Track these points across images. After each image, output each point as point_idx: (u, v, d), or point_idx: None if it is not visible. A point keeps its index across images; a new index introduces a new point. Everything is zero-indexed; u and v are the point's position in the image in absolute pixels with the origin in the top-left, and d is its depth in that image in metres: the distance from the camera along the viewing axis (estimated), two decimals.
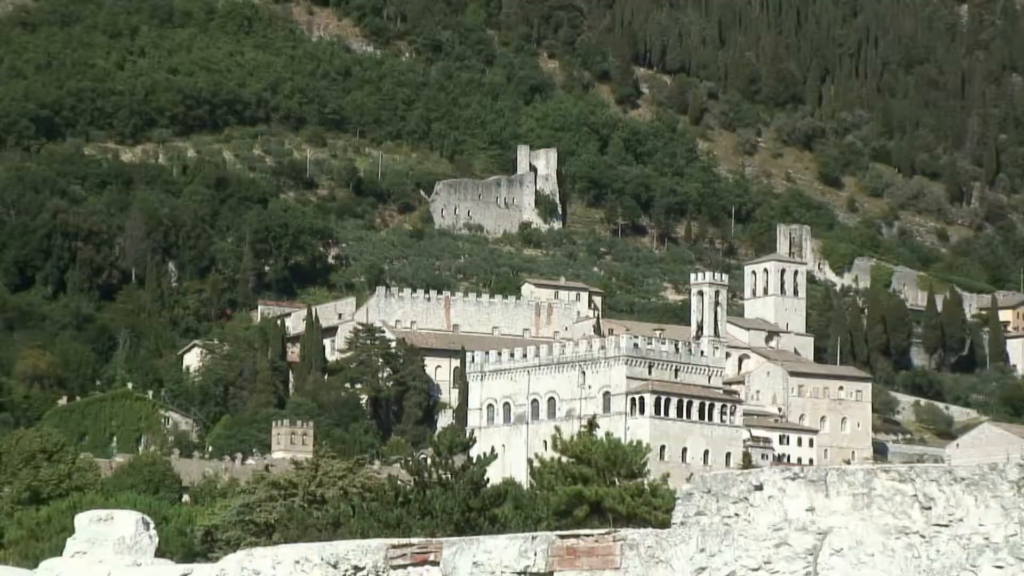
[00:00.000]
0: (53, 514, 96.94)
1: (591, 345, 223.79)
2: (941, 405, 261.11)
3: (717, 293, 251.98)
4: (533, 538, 15.99)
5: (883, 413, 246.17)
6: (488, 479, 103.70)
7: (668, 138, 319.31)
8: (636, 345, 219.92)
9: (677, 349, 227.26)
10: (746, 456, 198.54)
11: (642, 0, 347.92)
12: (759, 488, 14.93)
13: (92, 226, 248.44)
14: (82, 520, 19.00)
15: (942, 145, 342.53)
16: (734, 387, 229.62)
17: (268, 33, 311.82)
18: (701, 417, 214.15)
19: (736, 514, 14.77)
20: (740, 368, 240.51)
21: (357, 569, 16.66)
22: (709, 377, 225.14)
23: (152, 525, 19.21)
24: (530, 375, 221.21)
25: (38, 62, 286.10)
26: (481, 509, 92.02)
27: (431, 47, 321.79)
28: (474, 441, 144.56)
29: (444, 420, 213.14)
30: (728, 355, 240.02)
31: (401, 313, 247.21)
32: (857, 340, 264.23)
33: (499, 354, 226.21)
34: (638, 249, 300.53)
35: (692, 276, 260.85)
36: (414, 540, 16.84)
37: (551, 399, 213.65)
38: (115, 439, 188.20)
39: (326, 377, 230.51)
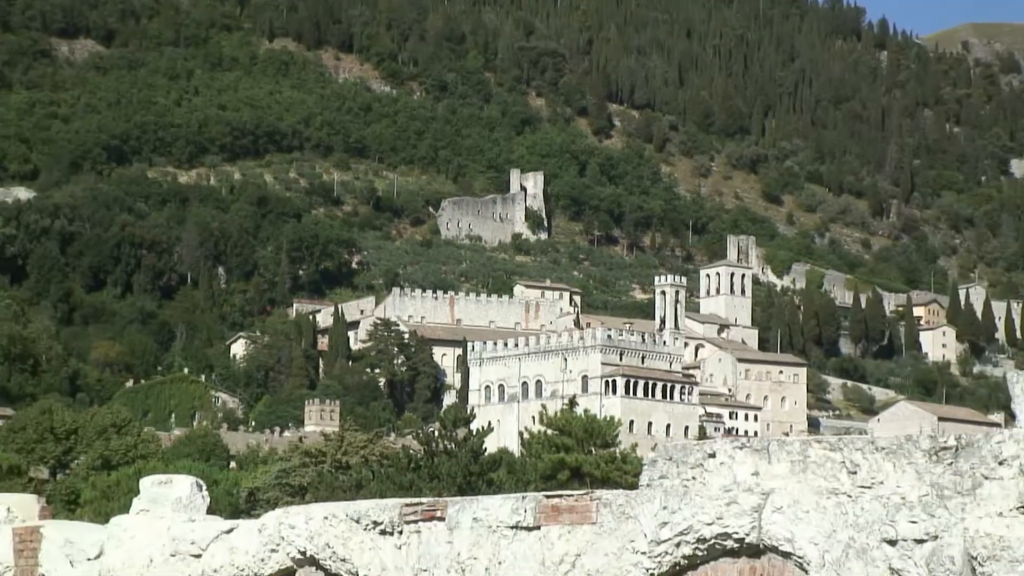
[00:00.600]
0: (121, 478, 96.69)
1: (572, 336, 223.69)
2: (864, 386, 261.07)
3: (677, 293, 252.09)
4: (523, 498, 15.99)
5: (816, 393, 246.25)
6: (486, 449, 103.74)
7: (636, 163, 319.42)
8: (609, 336, 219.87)
9: (644, 340, 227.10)
10: (701, 429, 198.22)
11: (614, 48, 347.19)
12: (712, 456, 14.93)
13: (154, 237, 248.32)
14: (146, 483, 19.01)
15: (865, 169, 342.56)
16: (691, 371, 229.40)
17: (302, 75, 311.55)
18: (664, 396, 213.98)
19: (693, 477, 14.78)
20: (696, 355, 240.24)
21: (376, 524, 16.64)
22: (670, 363, 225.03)
23: (204, 487, 19.19)
24: (521, 361, 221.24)
25: (109, 100, 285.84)
26: (480, 474, 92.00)
27: (438, 87, 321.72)
28: (474, 417, 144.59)
29: (449, 399, 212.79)
30: (686, 344, 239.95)
31: (413, 310, 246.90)
32: (794, 332, 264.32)
33: (495, 344, 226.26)
34: (611, 256, 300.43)
35: (656, 279, 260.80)
36: (423, 499, 16.84)
37: (538, 381, 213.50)
38: (173, 415, 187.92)
39: (350, 363, 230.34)
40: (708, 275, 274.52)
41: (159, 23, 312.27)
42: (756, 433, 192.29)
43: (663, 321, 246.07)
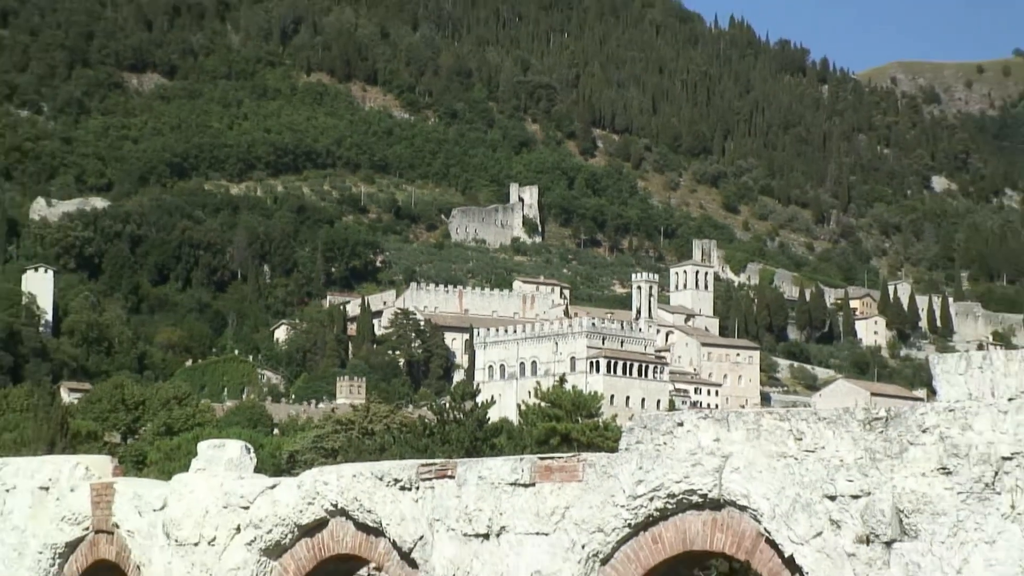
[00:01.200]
0: (181, 443, 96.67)
1: (562, 324, 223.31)
2: (808, 367, 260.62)
3: (650, 288, 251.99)
4: (521, 459, 16.01)
5: (767, 372, 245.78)
6: (489, 418, 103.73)
7: (616, 178, 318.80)
8: (593, 324, 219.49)
9: (622, 327, 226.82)
10: (671, 402, 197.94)
11: (597, 81, 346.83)
12: (680, 424, 14.93)
13: (209, 240, 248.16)
14: (202, 447, 19.04)
15: (809, 183, 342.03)
16: (662, 353, 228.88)
17: (334, 104, 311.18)
18: (639, 375, 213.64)
19: (664, 443, 14.78)
20: (667, 340, 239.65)
21: (396, 481, 16.66)
22: (645, 346, 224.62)
23: (251, 451, 19.23)
24: (518, 345, 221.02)
25: (172, 124, 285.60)
26: (484, 439, 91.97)
27: (449, 114, 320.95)
28: (479, 391, 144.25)
29: (457, 377, 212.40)
30: (658, 331, 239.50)
31: (427, 301, 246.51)
32: (749, 321, 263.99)
33: (497, 330, 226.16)
34: (595, 257, 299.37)
35: (633, 276, 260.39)
36: (436, 461, 16.88)
37: (533, 362, 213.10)
38: (225, 390, 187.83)
39: (374, 346, 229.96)
40: (677, 273, 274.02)
41: (214, 60, 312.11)
42: (717, 406, 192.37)
43: (639, 311, 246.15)
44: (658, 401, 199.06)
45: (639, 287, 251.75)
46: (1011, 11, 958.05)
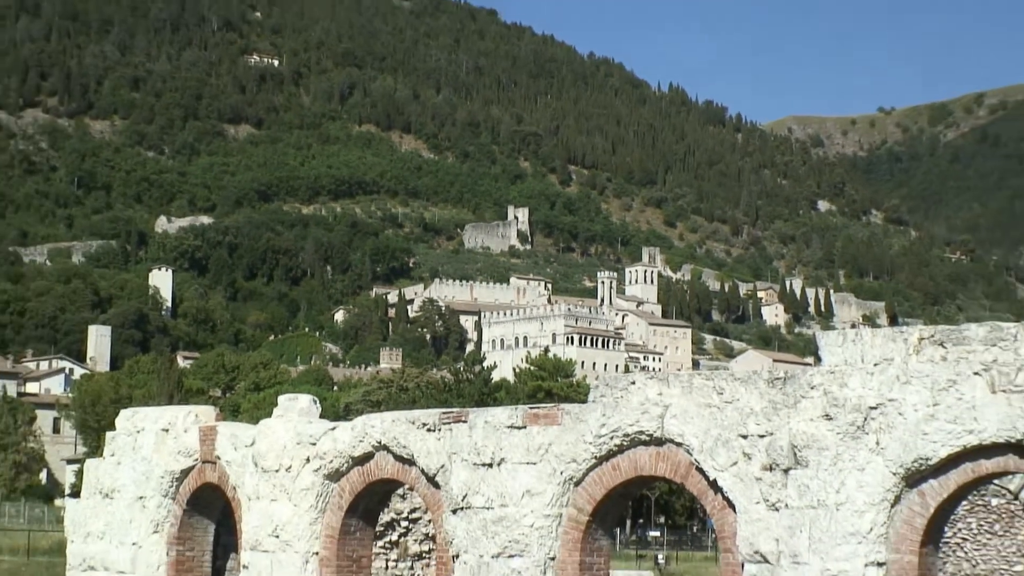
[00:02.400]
0: (266, 396, 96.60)
1: (545, 309, 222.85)
2: (727, 340, 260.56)
3: (611, 282, 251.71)
4: (515, 409, 16.05)
5: (697, 345, 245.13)
6: (492, 379, 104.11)
7: (586, 202, 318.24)
8: (569, 309, 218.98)
9: (590, 311, 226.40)
10: (626, 367, 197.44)
11: (572, 130, 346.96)
12: (633, 383, 14.96)
13: (287, 246, 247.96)
14: (282, 399, 19.07)
15: (727, 206, 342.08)
16: (620, 331, 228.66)
17: (379, 147, 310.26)
18: (603, 346, 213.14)
19: (621, 396, 14.80)
20: (623, 321, 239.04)
21: (424, 424, 16.67)
22: (607, 325, 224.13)
23: (317, 402, 19.26)
24: (514, 324, 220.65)
25: (259, 162, 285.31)
26: (488, 394, 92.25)
27: (463, 154, 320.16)
28: (485, 359, 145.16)
29: (469, 348, 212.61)
30: (617, 314, 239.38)
31: (447, 292, 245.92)
32: (683, 307, 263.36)
33: (498, 314, 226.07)
34: (570, 260, 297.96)
35: (598, 273, 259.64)
36: (453, 409, 16.91)
37: (525, 337, 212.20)
38: (298, 358, 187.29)
39: (408, 325, 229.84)
40: (630, 272, 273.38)
41: (290, 115, 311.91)
42: (659, 369, 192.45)
43: (602, 300, 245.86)
44: (616, 366, 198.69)
45: (602, 282, 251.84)
46: (876, 77, 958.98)
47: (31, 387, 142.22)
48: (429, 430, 16.70)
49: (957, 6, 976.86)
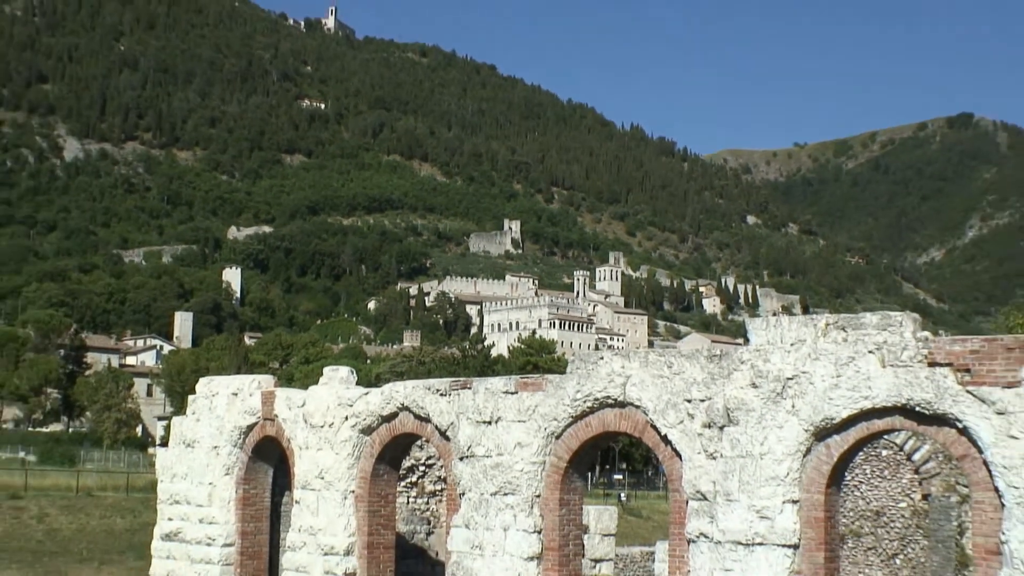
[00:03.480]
0: (314, 368, 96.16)
1: (533, 300, 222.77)
2: (676, 326, 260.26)
3: (585, 279, 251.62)
4: (510, 378, 16.03)
5: (651, 329, 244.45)
6: (491, 355, 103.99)
7: (566, 216, 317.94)
8: (552, 301, 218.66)
9: (569, 302, 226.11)
10: (596, 346, 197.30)
11: (555, 160, 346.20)
12: (601, 358, 14.94)
13: (330, 250, 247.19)
14: (326, 370, 19.05)
15: (676, 220, 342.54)
16: (592, 317, 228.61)
17: (403, 173, 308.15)
18: (578, 330, 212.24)
19: (592, 369, 14.79)
20: (594, 310, 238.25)
21: (438, 390, 16.65)
22: (581, 313, 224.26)
23: (354, 372, 19.24)
24: (508, 312, 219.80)
25: (309, 184, 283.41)
26: (488, 367, 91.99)
27: (469, 178, 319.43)
28: (485, 339, 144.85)
29: (473, 331, 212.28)
30: (589, 304, 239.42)
31: (456, 287, 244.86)
32: (641, 299, 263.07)
33: (496, 304, 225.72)
34: (554, 262, 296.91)
35: (575, 272, 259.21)
36: (460, 379, 16.91)
37: (517, 322, 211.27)
38: (339, 337, 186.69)
39: (425, 313, 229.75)
40: (600, 271, 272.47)
41: (334, 148, 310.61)
42: (622, 348, 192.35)
43: (578, 293, 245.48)
44: (588, 345, 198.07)
45: (578, 279, 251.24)
46: (792, 117, 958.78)
47: (130, 360, 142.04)
48: (441, 395, 16.69)
49: (859, 62, 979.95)
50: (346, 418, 17.86)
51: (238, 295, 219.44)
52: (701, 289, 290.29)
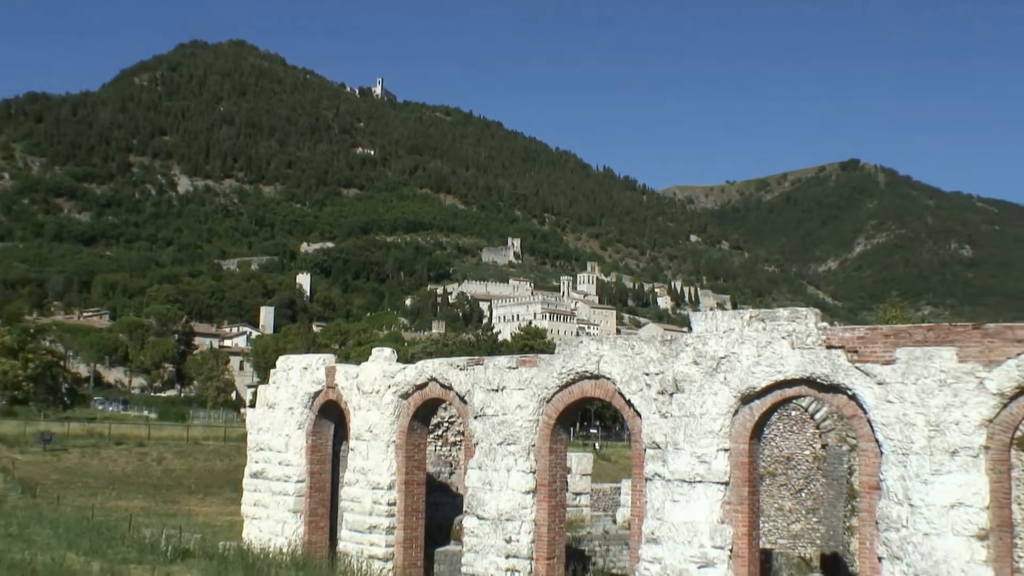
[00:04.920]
0: (365, 349, 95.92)
1: (530, 299, 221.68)
2: (637, 318, 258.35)
3: (569, 283, 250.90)
4: (512, 357, 15.95)
5: (619, 321, 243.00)
6: (498, 339, 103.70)
7: (555, 236, 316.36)
8: (543, 299, 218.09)
9: (556, 299, 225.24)
10: (577, 333, 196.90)
11: (547, 192, 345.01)
12: (581, 342, 14.87)
13: (378, 260, 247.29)
14: (374, 351, 18.96)
15: (638, 238, 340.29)
16: (574, 311, 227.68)
17: (431, 203, 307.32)
18: (563, 321, 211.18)
19: (574, 350, 14.73)
20: (575, 306, 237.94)
21: (458, 366, 16.59)
22: (567, 308, 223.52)
23: (395, 352, 19.14)
24: (511, 307, 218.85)
25: (360, 211, 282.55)
26: (496, 349, 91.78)
27: (482, 206, 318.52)
28: (494, 328, 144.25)
29: (484, 321, 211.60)
30: (572, 302, 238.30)
31: (473, 289, 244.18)
32: (611, 298, 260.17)
33: (503, 301, 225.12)
34: (545, 270, 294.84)
35: (561, 277, 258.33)
36: (475, 357, 16.82)
37: (518, 315, 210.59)
38: (383, 326, 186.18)
39: (449, 307, 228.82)
40: (580, 276, 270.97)
41: (379, 183, 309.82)
42: (597, 334, 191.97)
43: (564, 294, 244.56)
44: (571, 332, 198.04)
45: (563, 282, 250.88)
46: (724, 158, 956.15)
47: (227, 343, 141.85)
48: (460, 369, 16.63)
49: (775, 119, 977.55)
50: (389, 386, 17.82)
51: (308, 294, 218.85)
52: (656, 290, 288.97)
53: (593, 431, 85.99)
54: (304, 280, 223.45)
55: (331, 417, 19.78)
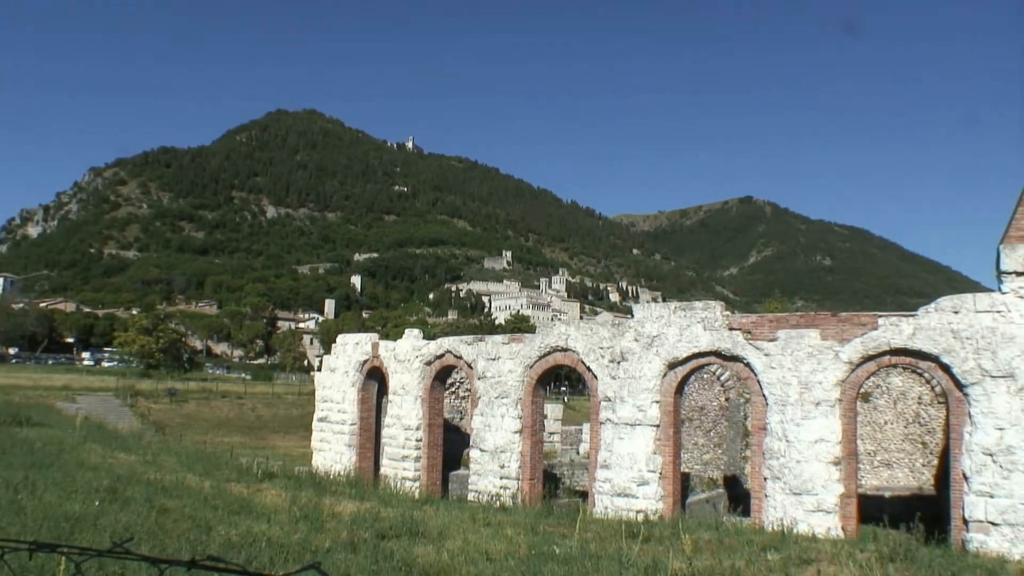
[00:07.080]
0: (400, 330, 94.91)
1: (518, 295, 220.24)
2: (595, 308, 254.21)
3: (546, 283, 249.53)
4: (505, 336, 15.85)
5: (582, 310, 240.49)
6: (495, 323, 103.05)
7: (537, 250, 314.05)
8: (528, 295, 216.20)
9: (537, 295, 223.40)
10: (552, 319, 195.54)
11: (530, 219, 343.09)
12: (555, 326, 14.79)
13: (410, 266, 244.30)
14: (407, 331, 18.77)
15: (596, 252, 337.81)
16: (550, 304, 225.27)
17: (451, 227, 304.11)
18: (542, 310, 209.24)
19: (550, 331, 14.66)
20: (550, 300, 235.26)
21: (466, 341, 16.47)
22: (545, 302, 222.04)
23: (421, 332, 18.95)
24: (504, 301, 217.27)
25: (395, 232, 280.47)
26: (494, 330, 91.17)
27: (484, 229, 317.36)
28: (493, 316, 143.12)
29: (485, 311, 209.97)
30: (548, 297, 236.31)
31: (477, 287, 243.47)
32: (577, 295, 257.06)
33: (498, 296, 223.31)
34: (529, 273, 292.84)
35: (541, 279, 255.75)
36: (479, 335, 16.69)
37: (509, 306, 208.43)
38: (414, 314, 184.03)
39: (460, 299, 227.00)
40: (554, 278, 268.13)
41: (411, 212, 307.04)
42: (566, 320, 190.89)
43: (542, 291, 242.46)
44: (547, 319, 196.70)
45: (542, 283, 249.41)
46: (659, 191, 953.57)
47: (301, 325, 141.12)
48: (468, 344, 16.54)
49: (696, 161, 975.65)
50: (417, 356, 17.72)
51: (359, 291, 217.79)
52: (608, 288, 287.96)
53: (563, 388, 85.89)
54: (356, 281, 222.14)
55: (375, 378, 19.67)
